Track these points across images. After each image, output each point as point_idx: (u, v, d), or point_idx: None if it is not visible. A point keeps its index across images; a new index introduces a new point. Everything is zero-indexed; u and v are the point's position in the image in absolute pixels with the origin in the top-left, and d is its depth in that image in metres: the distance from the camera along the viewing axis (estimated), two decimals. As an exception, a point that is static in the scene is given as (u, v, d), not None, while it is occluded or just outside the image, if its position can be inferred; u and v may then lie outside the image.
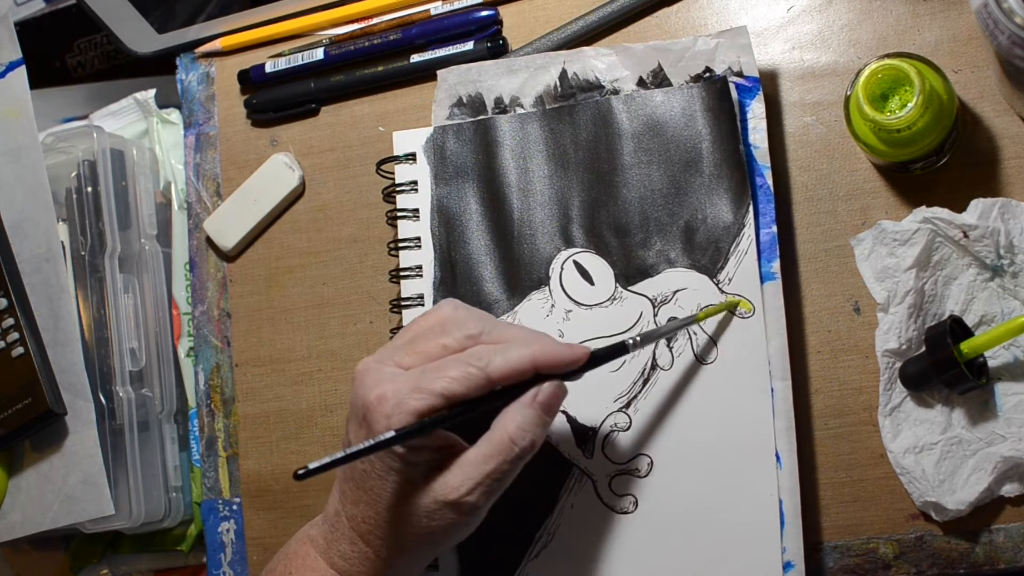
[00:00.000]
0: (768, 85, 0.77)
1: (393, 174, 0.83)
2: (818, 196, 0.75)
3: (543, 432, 0.65)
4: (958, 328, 0.69)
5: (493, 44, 0.82)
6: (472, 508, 0.64)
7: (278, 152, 0.87)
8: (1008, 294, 0.70)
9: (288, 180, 0.87)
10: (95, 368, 0.86)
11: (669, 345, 0.74)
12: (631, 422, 0.74)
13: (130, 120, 0.94)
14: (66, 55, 1.08)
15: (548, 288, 0.77)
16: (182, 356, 0.90)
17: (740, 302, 0.73)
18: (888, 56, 0.69)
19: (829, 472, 0.73)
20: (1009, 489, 0.69)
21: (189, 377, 0.89)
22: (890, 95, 0.68)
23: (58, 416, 0.84)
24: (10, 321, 0.85)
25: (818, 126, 0.76)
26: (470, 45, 0.83)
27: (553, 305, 0.77)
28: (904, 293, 0.70)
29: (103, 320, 0.86)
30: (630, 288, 0.76)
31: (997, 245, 0.69)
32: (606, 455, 0.75)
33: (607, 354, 0.67)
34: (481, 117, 0.81)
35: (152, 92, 0.93)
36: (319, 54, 0.87)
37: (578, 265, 0.77)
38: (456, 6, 0.84)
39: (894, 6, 0.75)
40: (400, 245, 0.81)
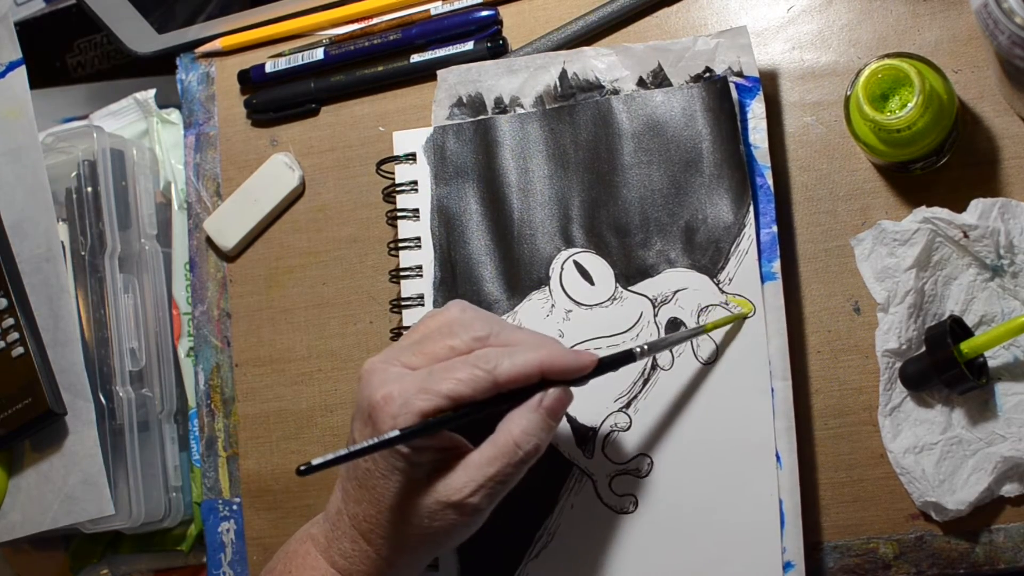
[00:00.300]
0: (768, 85, 0.77)
1: (393, 174, 0.83)
2: (818, 196, 0.75)
3: (548, 437, 0.65)
4: (958, 328, 0.69)
5: (493, 44, 0.82)
6: (474, 510, 0.64)
7: (278, 152, 0.87)
8: (1008, 294, 0.70)
9: (288, 180, 0.87)
10: (95, 368, 0.86)
11: (669, 345, 0.74)
12: (631, 422, 0.74)
13: (130, 120, 0.94)
14: (66, 55, 1.08)
15: (548, 288, 0.77)
16: (182, 356, 0.90)
17: (746, 312, 0.73)
18: (888, 56, 0.69)
19: (829, 472, 0.73)
20: (1009, 489, 0.69)
21: (189, 377, 0.89)
22: (890, 95, 0.68)
23: (58, 416, 0.84)
24: (10, 321, 0.85)
25: (818, 126, 0.76)
26: (470, 45, 0.83)
27: (553, 305, 0.77)
28: (904, 293, 0.70)
29: (103, 320, 0.87)
30: (630, 288, 0.76)
31: (997, 245, 0.69)
32: (606, 455, 0.75)
33: (614, 362, 0.67)
34: (481, 117, 0.81)
35: (152, 92, 0.93)
36: (319, 54, 0.87)
37: (578, 265, 0.77)
38: (456, 6, 0.84)
39: (894, 6, 0.75)
40: (400, 245, 0.81)
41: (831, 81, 0.76)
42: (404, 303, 0.81)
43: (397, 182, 0.82)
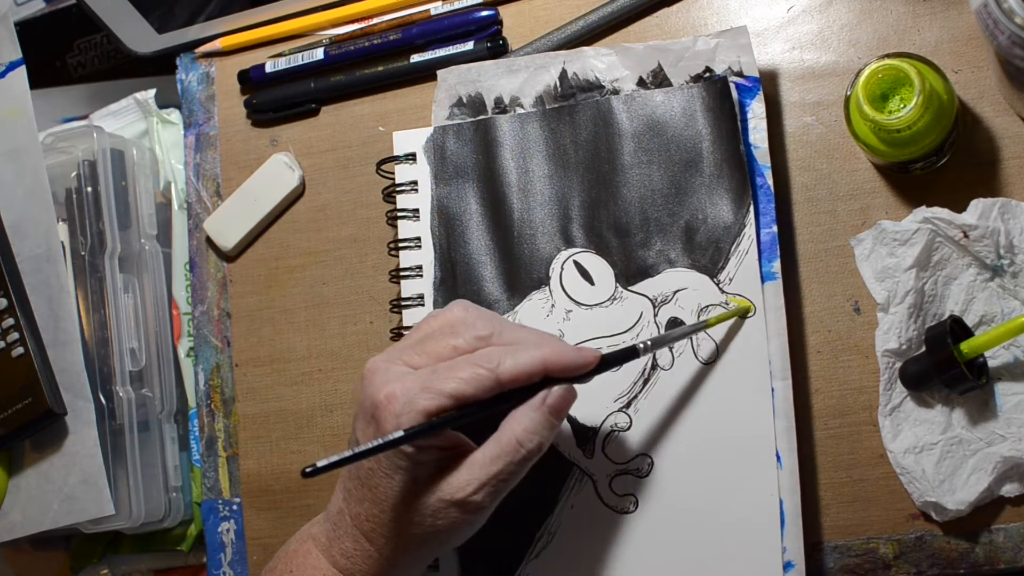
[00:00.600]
0: (768, 85, 0.77)
1: (393, 174, 0.83)
2: (818, 196, 0.75)
3: (551, 435, 0.65)
4: (958, 328, 0.69)
5: (493, 44, 0.82)
6: (477, 508, 0.64)
7: (278, 152, 0.87)
8: (1008, 294, 0.70)
9: (288, 180, 0.87)
10: (95, 368, 0.86)
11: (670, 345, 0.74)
12: (631, 422, 0.74)
13: (130, 120, 0.94)
14: (66, 55, 1.08)
15: (548, 288, 0.77)
16: (182, 356, 0.90)
17: (749, 307, 0.73)
18: (888, 56, 0.69)
19: (829, 472, 0.74)
20: (1009, 489, 0.69)
21: (189, 377, 0.89)
22: (890, 95, 0.68)
23: (58, 416, 0.84)
24: (10, 321, 0.85)
25: (818, 126, 0.76)
26: (470, 45, 0.83)
27: (553, 305, 0.77)
28: (904, 293, 0.70)
29: (103, 320, 0.86)
30: (630, 288, 0.76)
31: (997, 245, 0.69)
32: (607, 455, 0.75)
33: (618, 358, 0.67)
34: (481, 117, 0.81)
35: (152, 92, 0.93)
36: (319, 54, 0.87)
37: (578, 265, 0.77)
38: (456, 6, 0.84)
39: (894, 6, 0.75)
40: (400, 245, 0.81)
41: (831, 81, 0.76)
42: (404, 303, 0.81)
43: (397, 182, 0.82)
